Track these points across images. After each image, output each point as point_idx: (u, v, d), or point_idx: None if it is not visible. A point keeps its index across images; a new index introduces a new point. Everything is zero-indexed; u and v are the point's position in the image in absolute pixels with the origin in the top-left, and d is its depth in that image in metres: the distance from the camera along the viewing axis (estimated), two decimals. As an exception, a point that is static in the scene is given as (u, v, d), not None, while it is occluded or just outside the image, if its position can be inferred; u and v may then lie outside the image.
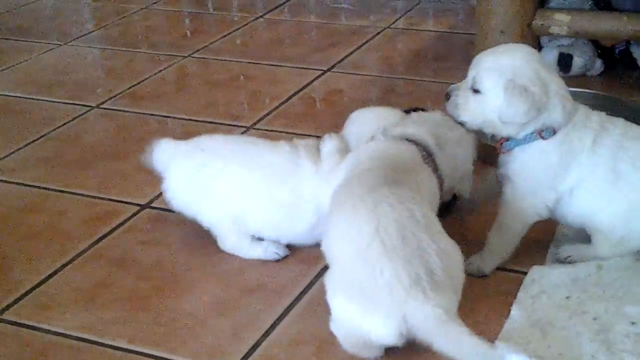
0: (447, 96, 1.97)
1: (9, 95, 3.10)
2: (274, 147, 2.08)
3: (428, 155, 1.89)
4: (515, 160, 1.93)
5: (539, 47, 3.01)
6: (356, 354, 1.73)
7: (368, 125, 2.09)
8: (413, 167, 1.84)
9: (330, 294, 1.70)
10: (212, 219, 2.07)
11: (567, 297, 1.84)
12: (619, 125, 1.94)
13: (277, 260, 2.06)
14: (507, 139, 1.93)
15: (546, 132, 1.89)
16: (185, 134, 2.69)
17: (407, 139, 1.91)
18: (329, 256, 1.75)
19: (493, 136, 1.98)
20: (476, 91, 1.92)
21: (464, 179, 2.01)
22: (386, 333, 1.61)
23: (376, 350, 1.71)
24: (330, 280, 1.71)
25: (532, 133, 1.89)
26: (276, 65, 2.28)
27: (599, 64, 3.01)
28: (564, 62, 2.98)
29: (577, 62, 2.98)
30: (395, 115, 2.12)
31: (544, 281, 1.89)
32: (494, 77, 1.88)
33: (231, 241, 2.07)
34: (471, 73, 1.95)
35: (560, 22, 2.88)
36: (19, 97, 3.09)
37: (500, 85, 1.87)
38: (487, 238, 1.98)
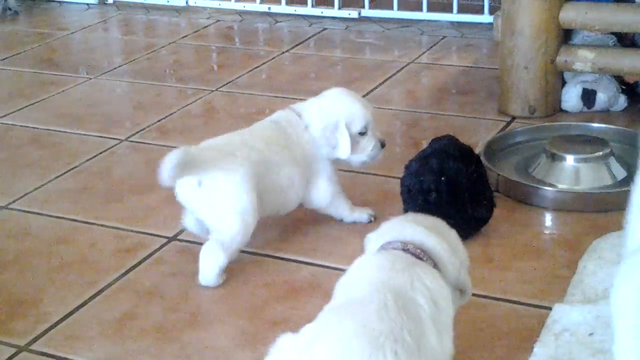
0: None
1: (40, 128, 3.17)
2: None
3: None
4: None
5: (562, 82, 3.03)
6: None
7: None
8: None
9: None
10: None
11: (590, 334, 1.84)
12: None
13: (303, 293, 2.09)
14: None
15: None
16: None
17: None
18: None
19: None
20: None
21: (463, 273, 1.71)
22: None
23: None
24: None
25: None
26: (301, 99, 2.32)
27: (622, 100, 3.03)
28: (587, 98, 2.99)
29: (601, 98, 3.00)
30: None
31: (566, 320, 1.89)
32: None
33: None
34: None
35: (584, 58, 2.91)
36: (50, 129, 3.15)
37: None
38: None
